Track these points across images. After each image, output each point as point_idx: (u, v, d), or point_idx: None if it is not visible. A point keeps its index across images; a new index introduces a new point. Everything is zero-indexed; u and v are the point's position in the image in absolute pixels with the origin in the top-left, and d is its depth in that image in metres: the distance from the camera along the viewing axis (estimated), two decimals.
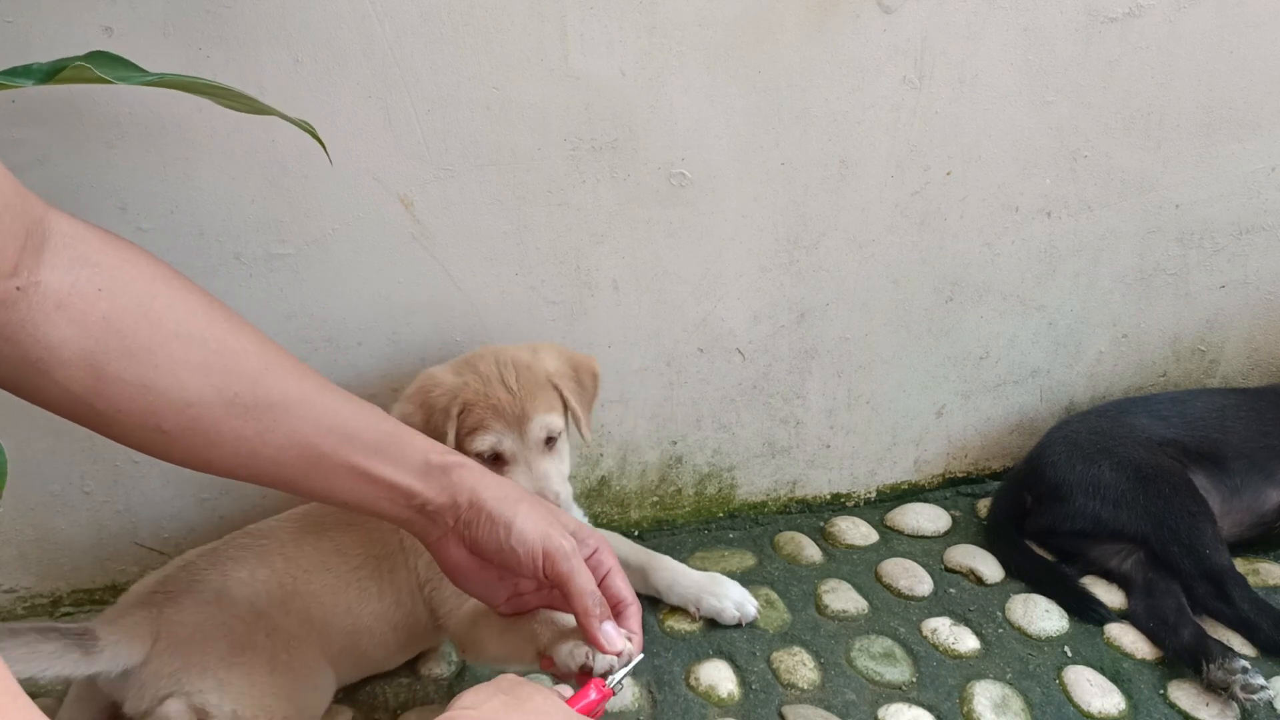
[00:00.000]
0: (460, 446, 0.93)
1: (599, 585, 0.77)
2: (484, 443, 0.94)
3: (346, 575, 0.95)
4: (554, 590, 0.76)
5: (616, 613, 0.77)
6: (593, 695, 0.71)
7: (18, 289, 0.58)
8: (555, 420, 0.96)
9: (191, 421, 0.66)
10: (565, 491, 0.95)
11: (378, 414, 0.75)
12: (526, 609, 0.82)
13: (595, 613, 0.74)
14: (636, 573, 1.09)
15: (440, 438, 0.89)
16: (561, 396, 0.97)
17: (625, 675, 0.75)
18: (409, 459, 0.74)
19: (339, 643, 0.93)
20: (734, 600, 1.09)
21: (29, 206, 0.59)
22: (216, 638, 0.87)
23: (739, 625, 1.09)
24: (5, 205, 0.56)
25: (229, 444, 0.68)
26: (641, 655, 0.76)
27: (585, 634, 0.74)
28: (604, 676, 0.73)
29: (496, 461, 0.95)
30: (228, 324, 0.68)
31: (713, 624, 1.09)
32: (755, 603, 1.10)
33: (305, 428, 0.70)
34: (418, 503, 0.74)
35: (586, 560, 0.76)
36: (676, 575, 1.10)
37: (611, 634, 0.74)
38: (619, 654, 0.74)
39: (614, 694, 0.73)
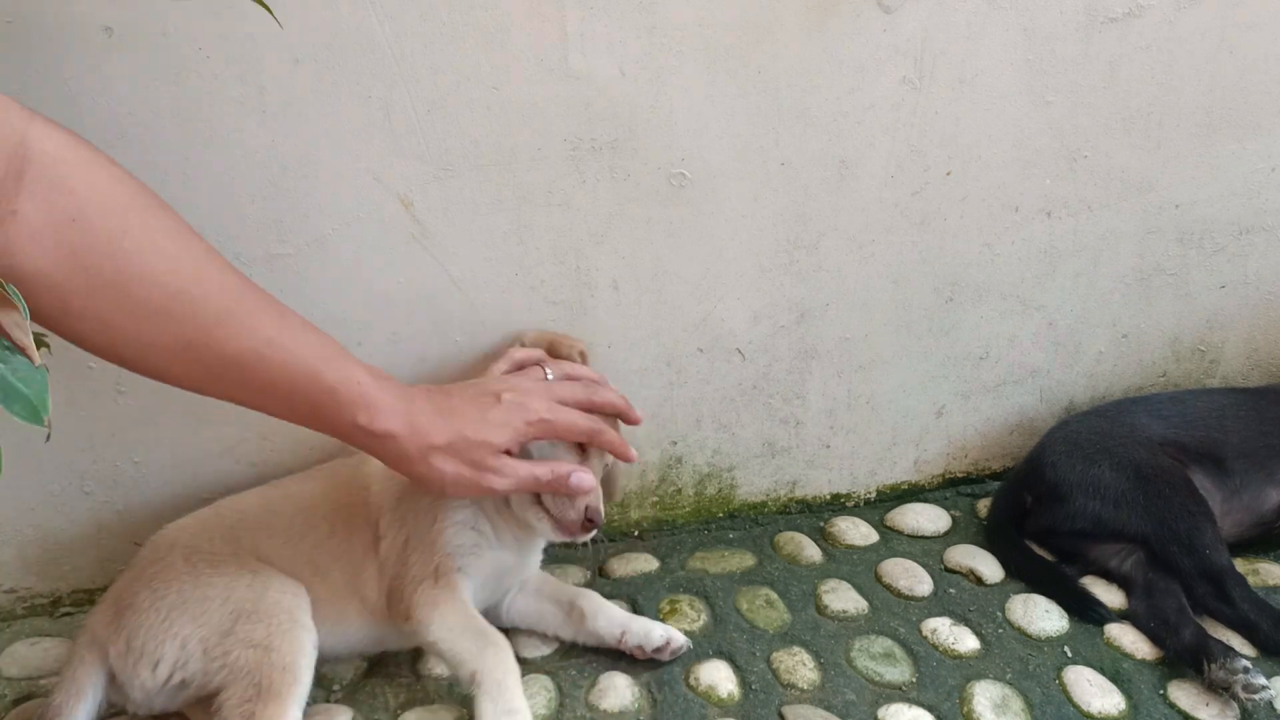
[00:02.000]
0: None
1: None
2: None
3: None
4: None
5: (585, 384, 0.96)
6: None
7: None
8: None
9: (147, 359, 0.70)
10: None
11: (331, 345, 0.80)
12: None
13: (553, 482, 0.88)
14: (564, 605, 1.04)
15: None
16: None
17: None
18: (354, 373, 0.80)
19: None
20: (662, 627, 1.03)
21: (8, 130, 0.58)
22: (135, 591, 0.88)
23: (671, 659, 1.02)
24: None
25: (184, 380, 0.73)
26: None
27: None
28: None
29: None
30: (194, 263, 0.70)
31: (713, 624, 1.10)
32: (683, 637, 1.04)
33: (261, 375, 0.73)
34: (380, 426, 0.80)
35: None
36: (602, 606, 1.04)
37: (584, 478, 0.89)
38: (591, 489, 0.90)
39: None
